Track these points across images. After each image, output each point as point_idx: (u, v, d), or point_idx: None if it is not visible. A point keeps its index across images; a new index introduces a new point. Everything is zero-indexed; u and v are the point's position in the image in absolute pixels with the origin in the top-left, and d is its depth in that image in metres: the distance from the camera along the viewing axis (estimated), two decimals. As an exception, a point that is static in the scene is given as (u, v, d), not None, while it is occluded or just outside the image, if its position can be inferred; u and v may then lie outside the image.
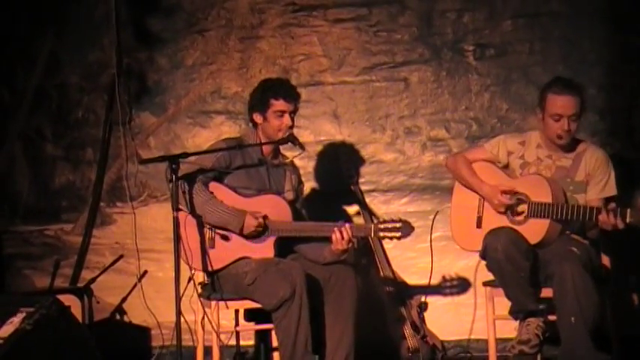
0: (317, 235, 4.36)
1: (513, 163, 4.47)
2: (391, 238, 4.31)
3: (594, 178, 4.34)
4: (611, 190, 4.35)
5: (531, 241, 4.26)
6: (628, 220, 4.07)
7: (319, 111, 5.43)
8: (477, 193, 4.46)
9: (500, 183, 4.39)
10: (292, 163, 4.62)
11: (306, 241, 4.39)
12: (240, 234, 4.28)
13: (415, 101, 5.37)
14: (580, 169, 4.37)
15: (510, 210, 4.37)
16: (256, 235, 4.31)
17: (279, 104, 4.39)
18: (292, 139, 4.43)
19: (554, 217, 4.22)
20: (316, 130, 5.43)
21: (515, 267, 4.17)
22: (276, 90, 4.41)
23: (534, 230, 4.27)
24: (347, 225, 4.29)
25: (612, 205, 4.17)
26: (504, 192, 4.35)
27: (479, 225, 4.44)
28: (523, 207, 4.33)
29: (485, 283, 4.46)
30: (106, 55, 5.52)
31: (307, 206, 4.67)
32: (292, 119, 4.42)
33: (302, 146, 4.45)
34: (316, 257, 4.37)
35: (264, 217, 4.29)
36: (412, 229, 4.31)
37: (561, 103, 4.28)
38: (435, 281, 5.09)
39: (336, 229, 4.26)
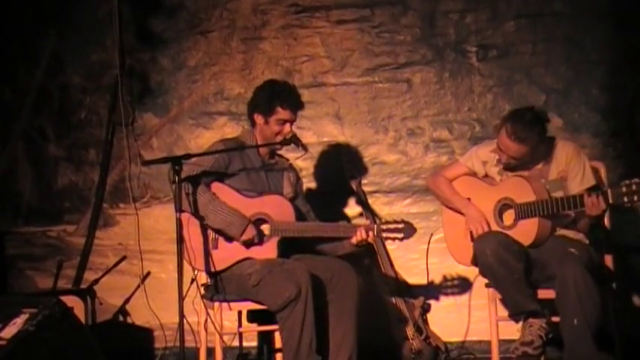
0: (320, 236, 4.39)
1: (491, 172, 4.48)
2: (394, 239, 4.33)
3: (570, 172, 4.33)
4: (590, 179, 4.32)
5: (525, 242, 4.27)
6: (611, 200, 4.04)
7: (322, 112, 5.42)
8: (460, 213, 4.47)
9: (479, 195, 4.42)
10: (288, 162, 4.62)
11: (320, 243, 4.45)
12: (237, 239, 4.27)
13: (418, 102, 5.35)
14: (552, 167, 4.36)
15: (498, 218, 4.38)
16: (250, 244, 4.29)
17: (284, 113, 4.41)
18: (295, 141, 4.43)
19: (542, 213, 4.21)
20: (319, 131, 5.42)
21: (507, 269, 4.19)
22: (284, 98, 4.40)
23: (525, 231, 4.28)
24: (375, 226, 4.33)
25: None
26: (487, 222, 4.37)
27: (472, 239, 4.42)
28: (510, 211, 4.34)
29: (488, 285, 4.43)
30: (108, 56, 5.53)
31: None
32: (291, 127, 4.44)
33: (304, 147, 4.46)
34: (332, 249, 4.42)
35: (261, 234, 4.31)
36: (414, 230, 4.34)
37: (504, 143, 4.28)
38: (436, 281, 5.12)
39: (362, 229, 4.29)
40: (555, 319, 4.21)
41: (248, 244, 4.30)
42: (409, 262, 5.24)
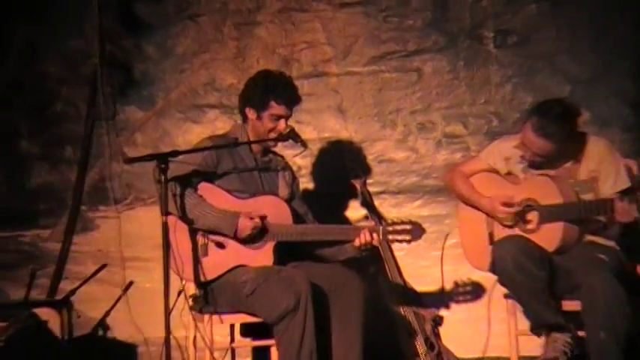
0: (320, 239, 4.37)
1: (514, 169, 4.46)
2: (401, 241, 4.31)
3: (602, 173, 4.30)
4: (624, 181, 4.26)
5: (548, 248, 4.26)
6: None
7: (323, 105, 5.39)
8: (477, 209, 4.47)
9: (500, 193, 4.39)
10: (283, 160, 4.61)
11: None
12: (235, 238, 4.26)
13: (429, 94, 5.33)
14: (582, 166, 4.35)
15: (520, 220, 4.36)
16: (254, 239, 4.27)
17: (279, 109, 4.38)
18: (293, 136, 4.40)
19: (568, 217, 4.21)
20: (319, 125, 5.40)
21: (528, 278, 4.16)
22: (279, 93, 4.38)
23: (549, 236, 4.26)
24: (380, 227, 4.31)
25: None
26: (505, 203, 4.35)
27: (491, 242, 4.42)
28: (533, 213, 4.33)
29: (507, 296, 4.42)
30: (87, 43, 5.49)
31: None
32: (286, 123, 4.41)
33: (304, 143, 4.42)
34: (334, 253, 4.42)
35: (262, 217, 4.27)
36: (423, 231, 4.31)
37: (529, 138, 4.26)
38: (449, 290, 5.11)
39: (366, 230, 4.28)
40: (581, 333, 4.18)
41: (247, 240, 4.25)
42: (420, 269, 5.23)
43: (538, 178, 4.35)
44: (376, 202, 5.26)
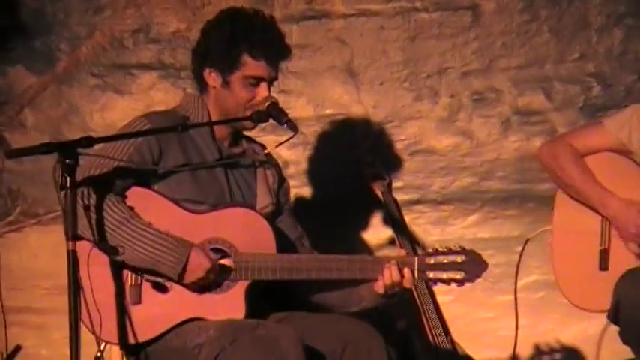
0: (322, 279, 4.26)
1: None
2: (447, 281, 4.19)
3: None
4: None
5: None
6: None
7: (323, 64, 5.42)
8: (596, 211, 4.45)
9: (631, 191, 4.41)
10: (265, 152, 4.55)
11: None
12: (179, 281, 4.13)
13: (491, 45, 5.37)
14: None
15: None
16: (203, 286, 4.16)
17: (256, 67, 4.29)
18: (275, 114, 4.27)
19: None
20: (318, 96, 5.44)
21: None
22: (254, 42, 4.29)
23: None
24: (416, 259, 4.22)
25: None
26: None
27: (604, 265, 4.43)
28: None
29: (627, 367, 4.34)
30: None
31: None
32: (269, 89, 4.33)
33: (292, 125, 4.28)
34: (343, 301, 4.35)
35: (219, 262, 4.16)
36: (484, 266, 4.18)
37: None
38: (522, 355, 5.29)
39: (393, 264, 4.17)
40: None
41: (201, 285, 4.13)
42: (478, 324, 5.45)
43: None
44: (408, 218, 5.40)
